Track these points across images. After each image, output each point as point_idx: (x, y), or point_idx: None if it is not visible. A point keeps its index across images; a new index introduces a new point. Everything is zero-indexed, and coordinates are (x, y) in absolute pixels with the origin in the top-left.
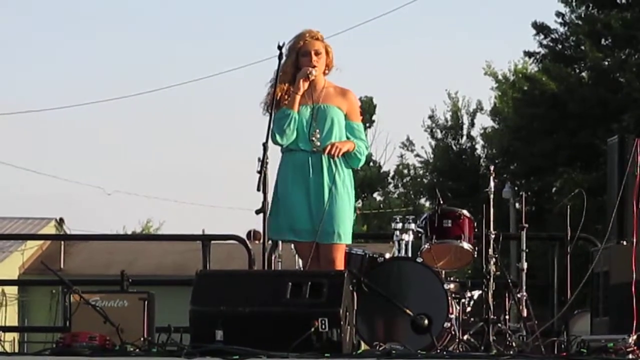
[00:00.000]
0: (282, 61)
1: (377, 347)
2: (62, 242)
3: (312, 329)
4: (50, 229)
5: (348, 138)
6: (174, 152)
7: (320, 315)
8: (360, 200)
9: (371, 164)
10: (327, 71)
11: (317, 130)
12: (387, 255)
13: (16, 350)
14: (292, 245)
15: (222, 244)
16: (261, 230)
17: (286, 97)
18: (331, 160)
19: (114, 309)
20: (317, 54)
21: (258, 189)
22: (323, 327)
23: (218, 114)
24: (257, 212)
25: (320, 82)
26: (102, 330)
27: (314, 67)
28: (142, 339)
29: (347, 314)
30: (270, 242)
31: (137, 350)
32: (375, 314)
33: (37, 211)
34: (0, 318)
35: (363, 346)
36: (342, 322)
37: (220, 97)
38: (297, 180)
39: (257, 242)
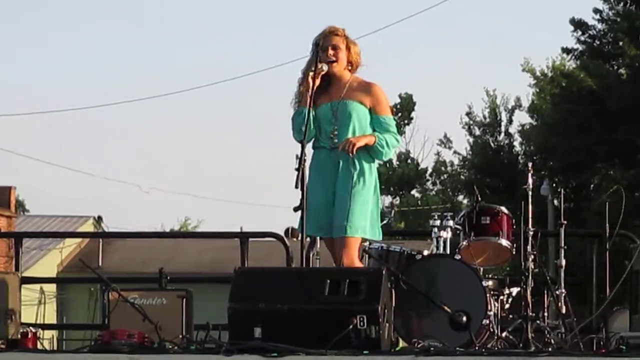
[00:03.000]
0: (308, 58)
1: (416, 344)
2: (101, 240)
3: (351, 326)
4: (88, 227)
5: (374, 132)
6: (212, 150)
7: (358, 313)
8: (397, 198)
9: (409, 161)
10: (350, 67)
11: (336, 127)
12: (425, 252)
13: (55, 348)
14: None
15: (260, 242)
16: (299, 228)
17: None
18: (349, 156)
19: (152, 306)
20: (334, 49)
21: (296, 186)
22: (361, 324)
23: (255, 112)
24: (295, 209)
25: (344, 78)
26: (141, 327)
27: (329, 62)
28: (180, 336)
29: (386, 311)
30: (308, 239)
31: (176, 347)
32: (413, 311)
33: (76, 209)
34: (39, 316)
35: (401, 343)
36: (380, 319)
37: (259, 95)
38: (319, 177)
39: (295, 239)
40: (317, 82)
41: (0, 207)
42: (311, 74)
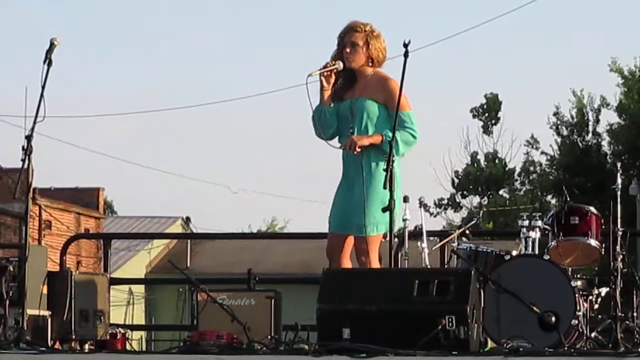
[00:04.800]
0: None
1: (505, 345)
2: (189, 241)
3: (440, 327)
4: (176, 228)
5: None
6: (298, 150)
7: (447, 313)
8: (485, 198)
9: (497, 161)
10: (371, 63)
11: (352, 125)
12: (514, 253)
13: (143, 349)
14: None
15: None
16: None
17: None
18: (360, 155)
19: (241, 307)
20: (352, 45)
21: (384, 187)
22: (450, 324)
23: None
24: (384, 210)
25: (365, 75)
26: (230, 328)
27: (344, 59)
28: (269, 337)
29: (474, 311)
30: (396, 239)
31: (265, 348)
32: (502, 311)
33: (164, 210)
34: (128, 316)
35: (490, 344)
36: (469, 320)
37: None
38: (343, 175)
39: (383, 239)
40: (332, 79)
41: (89, 209)
42: (324, 71)
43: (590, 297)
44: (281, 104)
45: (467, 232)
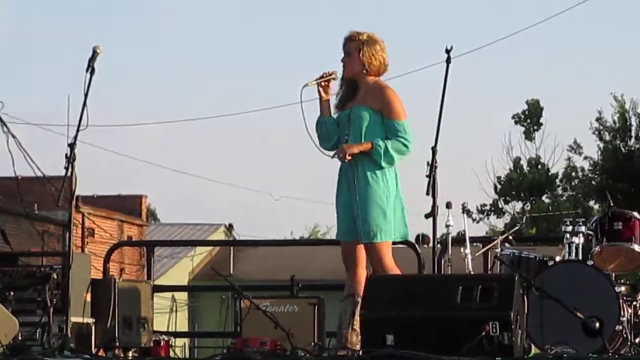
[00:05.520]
0: None
1: (548, 351)
2: (232, 248)
3: (483, 333)
4: (219, 235)
5: (387, 137)
6: None
7: (491, 319)
8: (528, 203)
9: (539, 166)
10: (367, 70)
11: (347, 133)
12: (557, 258)
13: (187, 356)
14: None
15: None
16: (430, 235)
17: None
18: (352, 164)
19: (284, 314)
20: (347, 54)
21: (427, 193)
22: (494, 330)
23: None
24: (427, 216)
25: (364, 83)
26: (273, 335)
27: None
28: (312, 343)
29: (518, 317)
30: (439, 245)
31: (308, 355)
32: (545, 316)
33: (207, 217)
34: (171, 324)
35: (534, 349)
36: (513, 326)
37: None
38: (340, 183)
39: (426, 246)
40: (330, 89)
41: (131, 216)
42: (320, 81)
43: (635, 303)
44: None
45: (510, 237)
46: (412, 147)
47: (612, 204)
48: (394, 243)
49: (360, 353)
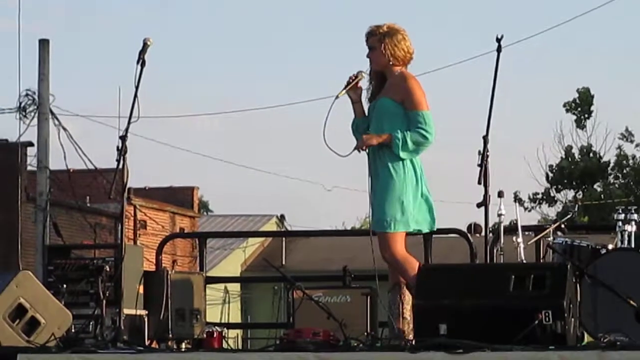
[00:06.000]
0: None
1: (602, 339)
2: (284, 239)
3: (536, 322)
4: (271, 226)
5: (408, 128)
6: None
7: (544, 308)
8: (580, 192)
9: (591, 155)
10: (395, 62)
11: (369, 125)
12: (610, 246)
13: (240, 347)
14: None
15: (443, 238)
16: (482, 224)
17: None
18: (375, 154)
19: (336, 304)
20: (371, 49)
21: (479, 182)
22: (547, 319)
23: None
24: (479, 205)
25: (390, 75)
26: (326, 325)
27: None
28: (365, 333)
29: (571, 305)
30: (491, 235)
31: (361, 345)
32: (598, 305)
33: (259, 208)
34: (224, 315)
35: (587, 338)
36: (565, 314)
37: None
38: (369, 175)
39: (478, 235)
40: (359, 90)
41: (183, 208)
42: (349, 88)
43: None
44: None
45: (563, 226)
46: (432, 138)
47: None
48: (415, 234)
49: (413, 342)
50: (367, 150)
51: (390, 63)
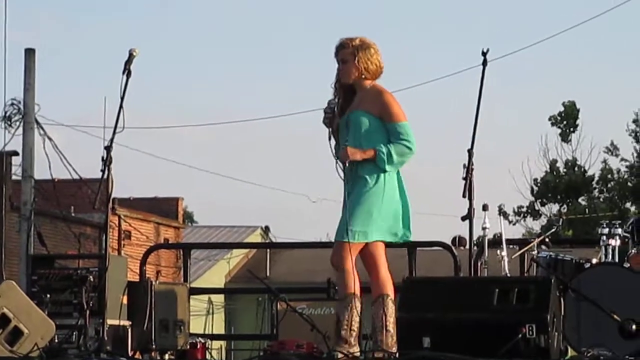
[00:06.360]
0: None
1: (585, 353)
2: (268, 250)
3: (520, 335)
4: (256, 237)
5: (389, 140)
6: None
7: (527, 322)
8: (565, 206)
9: (575, 169)
10: (366, 75)
11: (347, 138)
12: (594, 261)
13: (223, 358)
14: None
15: (428, 251)
16: (467, 237)
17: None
18: (352, 167)
19: (320, 316)
20: (343, 62)
21: (464, 196)
22: (531, 333)
23: (425, 122)
24: (463, 218)
25: (362, 88)
26: (309, 337)
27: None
28: None
29: (555, 319)
30: (475, 248)
31: (344, 357)
32: (582, 319)
33: (243, 220)
34: (208, 326)
35: (570, 352)
36: (549, 328)
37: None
38: (345, 187)
39: (462, 248)
40: (336, 118)
41: (168, 218)
42: (327, 119)
43: None
44: None
45: (547, 240)
46: (415, 149)
47: None
48: (391, 245)
49: (397, 355)
50: (346, 164)
51: (363, 77)
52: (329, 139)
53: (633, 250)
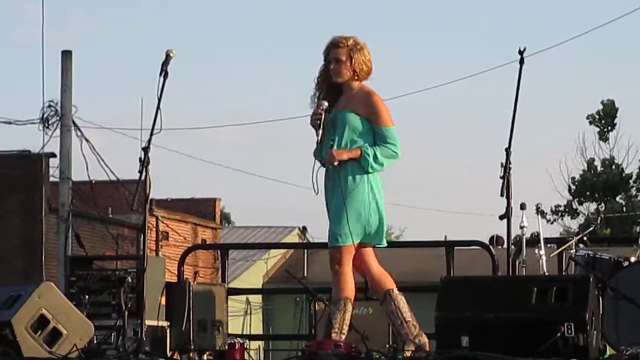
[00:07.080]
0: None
1: (624, 352)
2: (305, 250)
3: (558, 334)
4: (293, 238)
5: (375, 143)
6: (413, 158)
7: (566, 320)
8: (602, 204)
9: (613, 167)
10: (357, 77)
11: (333, 137)
12: (632, 259)
13: (262, 359)
14: None
15: (465, 250)
16: (504, 236)
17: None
18: (337, 167)
19: (358, 316)
20: (336, 62)
21: (502, 194)
22: (569, 332)
23: (459, 120)
24: (501, 217)
25: (351, 89)
26: (348, 337)
27: (330, 75)
28: (387, 345)
29: (593, 318)
30: (513, 247)
31: (383, 357)
32: (620, 317)
33: (281, 220)
34: (245, 327)
35: (609, 350)
36: (588, 327)
37: (460, 102)
38: (328, 187)
39: (500, 247)
40: (325, 122)
41: (205, 219)
42: (315, 124)
43: None
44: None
45: (585, 238)
46: (400, 153)
47: None
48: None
49: (436, 354)
50: (334, 165)
51: (355, 77)
52: (317, 142)
53: None
